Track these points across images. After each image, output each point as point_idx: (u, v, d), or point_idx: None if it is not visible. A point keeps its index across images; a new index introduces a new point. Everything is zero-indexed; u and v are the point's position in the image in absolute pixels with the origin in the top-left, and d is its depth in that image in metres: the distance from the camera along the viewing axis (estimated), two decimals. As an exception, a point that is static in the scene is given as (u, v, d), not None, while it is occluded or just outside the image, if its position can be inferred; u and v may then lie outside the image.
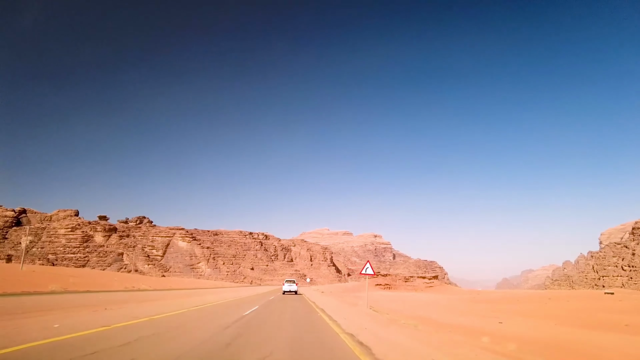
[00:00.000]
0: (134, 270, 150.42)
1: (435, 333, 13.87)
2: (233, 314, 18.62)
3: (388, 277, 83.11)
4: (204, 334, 11.21)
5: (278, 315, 19.00)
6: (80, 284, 45.15)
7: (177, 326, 12.88)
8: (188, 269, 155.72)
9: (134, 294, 37.11)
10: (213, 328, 12.67)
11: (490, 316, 26.32)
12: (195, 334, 11.12)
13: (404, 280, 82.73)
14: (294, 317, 18.38)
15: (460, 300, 48.89)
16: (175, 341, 9.80)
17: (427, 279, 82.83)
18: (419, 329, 14.92)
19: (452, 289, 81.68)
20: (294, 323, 15.67)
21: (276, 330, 12.82)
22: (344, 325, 14.70)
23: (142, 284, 76.83)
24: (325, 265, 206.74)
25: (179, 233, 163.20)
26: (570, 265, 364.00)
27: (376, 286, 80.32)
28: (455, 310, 32.48)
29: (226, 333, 11.46)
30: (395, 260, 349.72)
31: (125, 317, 14.64)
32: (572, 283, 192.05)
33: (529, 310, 32.24)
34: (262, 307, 24.22)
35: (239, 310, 20.80)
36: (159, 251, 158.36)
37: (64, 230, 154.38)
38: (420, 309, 33.32)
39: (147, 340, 9.60)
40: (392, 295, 60.44)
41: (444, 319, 23.69)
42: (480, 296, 57.26)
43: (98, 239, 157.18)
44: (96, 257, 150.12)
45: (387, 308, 30.23)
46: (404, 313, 26.47)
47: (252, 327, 13.32)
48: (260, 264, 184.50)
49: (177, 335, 10.80)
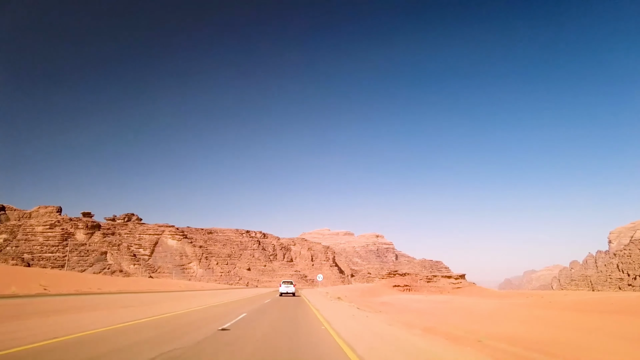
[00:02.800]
0: (119, 271, 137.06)
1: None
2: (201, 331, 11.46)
3: (407, 276, 70.17)
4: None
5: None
6: (51, 286, 39.83)
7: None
8: (178, 269, 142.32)
9: (87, 299, 30.30)
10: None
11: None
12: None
13: (425, 281, 69.71)
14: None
15: (527, 306, 35.64)
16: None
17: (453, 278, 70.07)
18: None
19: (485, 291, 68.81)
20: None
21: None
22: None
23: (115, 285, 65.25)
24: (327, 266, 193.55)
25: (169, 230, 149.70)
26: (577, 265, 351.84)
27: (394, 287, 67.25)
28: (565, 326, 19.40)
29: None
30: (399, 261, 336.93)
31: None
32: (591, 283, 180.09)
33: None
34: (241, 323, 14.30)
35: (213, 324, 14.02)
36: (146, 250, 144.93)
37: (42, 227, 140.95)
38: (495, 323, 20.38)
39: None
40: (421, 300, 47.00)
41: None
42: (544, 300, 43.93)
43: (79, 236, 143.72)
44: (77, 257, 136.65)
45: (454, 326, 17.16)
46: (490, 331, 13.45)
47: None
48: (258, 264, 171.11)
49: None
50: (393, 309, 27.60)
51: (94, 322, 13.22)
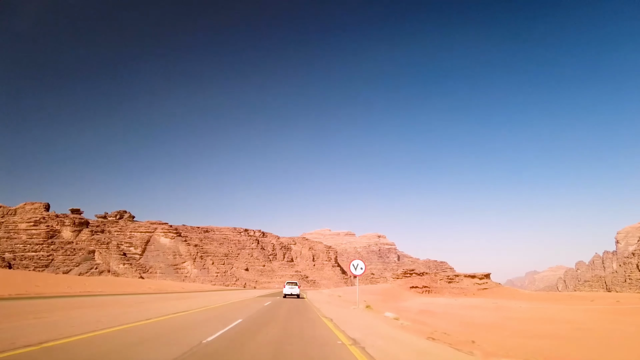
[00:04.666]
0: (107, 271, 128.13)
1: None
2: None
3: (425, 276, 61.38)
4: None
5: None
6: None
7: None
8: (171, 269, 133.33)
9: (47, 302, 26.28)
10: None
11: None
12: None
13: (446, 281, 60.94)
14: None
15: (582, 312, 26.92)
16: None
17: (478, 278, 61.44)
18: None
19: (517, 293, 60.15)
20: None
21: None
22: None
23: (88, 286, 57.31)
24: (329, 266, 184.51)
25: (161, 228, 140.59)
26: (584, 266, 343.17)
27: (411, 289, 58.24)
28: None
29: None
30: (402, 261, 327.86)
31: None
32: (606, 284, 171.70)
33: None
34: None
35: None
36: (137, 249, 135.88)
37: (26, 224, 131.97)
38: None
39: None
40: (461, 306, 38.06)
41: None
42: (623, 304, 35.19)
43: (66, 234, 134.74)
44: (62, 256, 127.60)
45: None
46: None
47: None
48: (257, 264, 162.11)
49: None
50: (444, 321, 18.83)
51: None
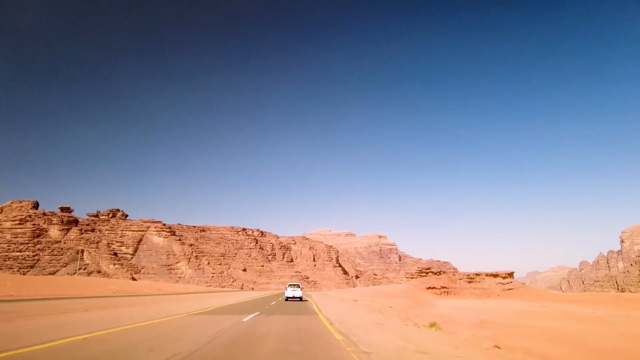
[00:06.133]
0: (96, 272, 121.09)
1: None
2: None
3: (443, 275, 54.73)
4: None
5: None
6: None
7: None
8: (164, 270, 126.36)
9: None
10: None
11: None
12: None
13: (466, 281, 54.27)
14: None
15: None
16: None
17: (501, 277, 54.92)
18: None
19: (546, 294, 53.68)
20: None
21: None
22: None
23: (60, 287, 50.64)
24: (330, 266, 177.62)
25: (154, 227, 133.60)
26: (587, 266, 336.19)
27: (428, 290, 51.11)
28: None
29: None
30: (404, 262, 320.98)
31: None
32: (617, 284, 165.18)
33: None
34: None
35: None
36: (129, 248, 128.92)
37: (11, 223, 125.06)
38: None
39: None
40: (499, 312, 31.28)
41: None
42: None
43: (53, 233, 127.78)
44: (49, 256, 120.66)
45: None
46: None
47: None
48: (255, 264, 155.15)
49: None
50: (535, 341, 12.13)
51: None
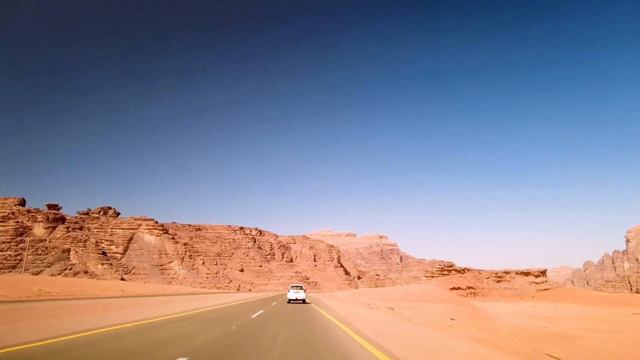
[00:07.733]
0: (83, 272, 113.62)
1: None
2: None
3: (468, 274, 47.63)
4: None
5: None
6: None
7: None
8: (156, 270, 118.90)
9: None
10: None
11: None
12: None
13: (494, 280, 47.22)
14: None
15: None
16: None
17: (533, 275, 47.79)
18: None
19: (588, 295, 46.61)
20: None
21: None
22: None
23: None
24: (331, 266, 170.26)
25: (146, 224, 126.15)
26: (592, 266, 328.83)
27: (452, 291, 44.05)
28: None
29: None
30: (406, 262, 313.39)
31: None
32: (630, 284, 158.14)
33: None
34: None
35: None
36: (118, 247, 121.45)
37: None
38: None
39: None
40: (567, 321, 23.84)
41: None
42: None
43: (38, 231, 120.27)
44: (32, 255, 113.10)
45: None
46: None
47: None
48: (253, 264, 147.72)
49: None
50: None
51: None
